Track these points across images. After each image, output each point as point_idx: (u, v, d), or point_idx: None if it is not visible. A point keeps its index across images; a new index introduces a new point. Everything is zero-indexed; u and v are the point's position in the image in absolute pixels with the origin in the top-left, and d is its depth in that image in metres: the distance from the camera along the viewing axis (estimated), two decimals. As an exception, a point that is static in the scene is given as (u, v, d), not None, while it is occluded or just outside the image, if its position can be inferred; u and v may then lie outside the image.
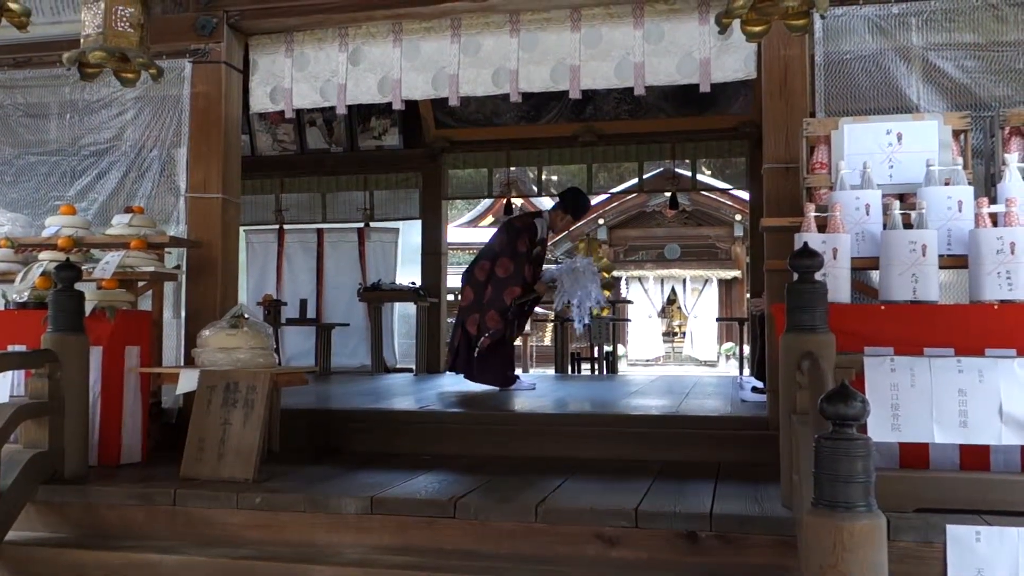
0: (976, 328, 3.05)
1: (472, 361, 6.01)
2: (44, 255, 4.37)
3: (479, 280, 6.07)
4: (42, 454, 3.56)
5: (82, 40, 3.59)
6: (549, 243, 6.23)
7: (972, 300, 3.17)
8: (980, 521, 2.73)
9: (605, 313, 11.36)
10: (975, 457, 2.97)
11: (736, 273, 18.51)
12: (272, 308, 8.49)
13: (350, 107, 4.91)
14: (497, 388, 6.02)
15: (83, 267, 4.10)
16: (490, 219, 20.14)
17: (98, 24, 3.54)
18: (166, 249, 4.59)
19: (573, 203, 6.32)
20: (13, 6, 3.28)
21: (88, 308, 3.91)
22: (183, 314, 4.69)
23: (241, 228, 5.90)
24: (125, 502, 3.45)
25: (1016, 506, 2.79)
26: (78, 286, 3.80)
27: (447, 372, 6.16)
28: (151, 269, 4.35)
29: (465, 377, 6.09)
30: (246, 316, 4.17)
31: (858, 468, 2.03)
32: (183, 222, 4.70)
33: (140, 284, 4.45)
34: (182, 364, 4.55)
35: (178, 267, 4.70)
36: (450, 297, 8.86)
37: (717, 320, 17.36)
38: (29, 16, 3.35)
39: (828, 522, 2.03)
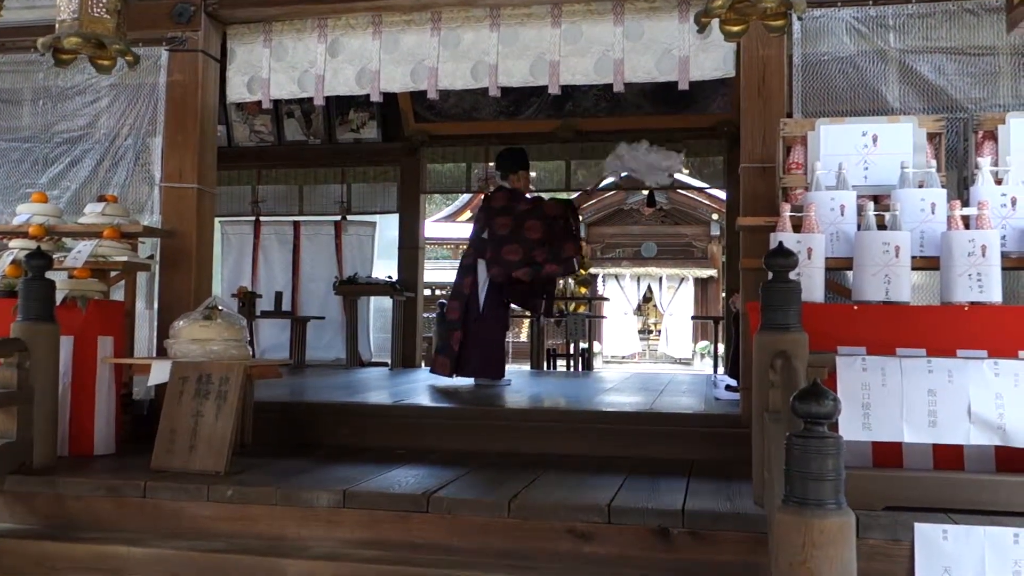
0: (947, 329, 3.08)
1: (486, 357, 5.99)
2: (15, 243, 4.31)
3: (518, 260, 5.93)
4: (10, 444, 3.52)
5: (57, 25, 3.54)
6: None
7: (943, 301, 3.21)
8: (948, 520, 2.75)
9: (582, 310, 11.39)
10: (950, 457, 3.00)
11: (712, 272, 18.61)
12: (247, 300, 8.44)
13: (328, 99, 4.88)
14: (473, 383, 6.03)
15: (55, 256, 4.05)
16: (468, 214, 20.09)
17: (74, 9, 3.49)
18: (139, 239, 4.54)
19: (519, 161, 6.31)
20: (-14, -10, 3.23)
21: (59, 297, 3.86)
22: (156, 305, 4.64)
23: (216, 219, 5.85)
24: (94, 493, 3.41)
25: (984, 505, 2.82)
26: (49, 275, 3.75)
27: (447, 375, 6.09)
28: (124, 259, 4.31)
29: (467, 375, 6.06)
30: (220, 308, 4.14)
31: (829, 466, 2.05)
32: (157, 212, 4.66)
33: (113, 274, 4.40)
34: (154, 355, 4.51)
35: (151, 257, 4.65)
36: (427, 292, 8.84)
37: (692, 318, 17.46)
38: (3, 1, 3.30)
39: (798, 519, 2.04)
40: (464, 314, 6.04)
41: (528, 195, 6.30)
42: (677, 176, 10.28)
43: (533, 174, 8.22)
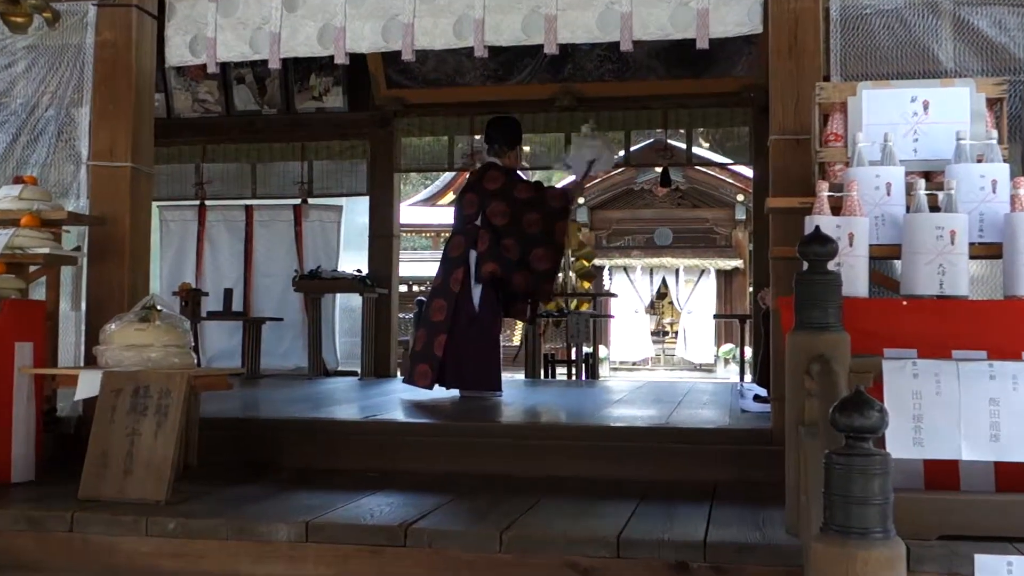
0: (1012, 328, 3.09)
1: (484, 366, 6.02)
2: (-85, 233, 4.29)
3: (513, 260, 5.98)
4: (-88, 470, 3.50)
5: (-39, -23, 3.53)
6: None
7: (1007, 295, 3.22)
8: (1013, 551, 2.76)
9: (585, 308, 11.39)
10: (1015, 478, 3.01)
11: (737, 263, 18.67)
12: (190, 299, 8.43)
13: (286, 62, 4.87)
14: (458, 395, 6.04)
15: (-37, 248, 4.04)
16: (451, 196, 20.09)
17: (-19, -43, 3.47)
18: (64, 227, 4.52)
19: (510, 134, 6.33)
20: None
21: (-31, 297, 3.85)
22: (84, 305, 4.64)
23: (154, 203, 5.84)
24: (12, 527, 3.39)
25: (1055, 533, 2.84)
26: (-43, 270, 3.73)
27: (427, 387, 6.07)
28: (45, 251, 4.29)
29: (458, 387, 6.06)
30: (159, 308, 4.13)
31: (874, 488, 2.05)
32: (84, 195, 4.65)
33: (32, 269, 4.39)
34: (82, 364, 4.50)
35: (78, 249, 4.64)
36: (402, 288, 8.85)
37: (715, 317, 17.52)
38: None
39: (840, 550, 2.05)
40: (453, 315, 6.00)
41: (521, 174, 6.31)
42: (696, 150, 10.32)
43: (527, 148, 8.25)
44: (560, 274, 12.75)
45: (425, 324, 6.17)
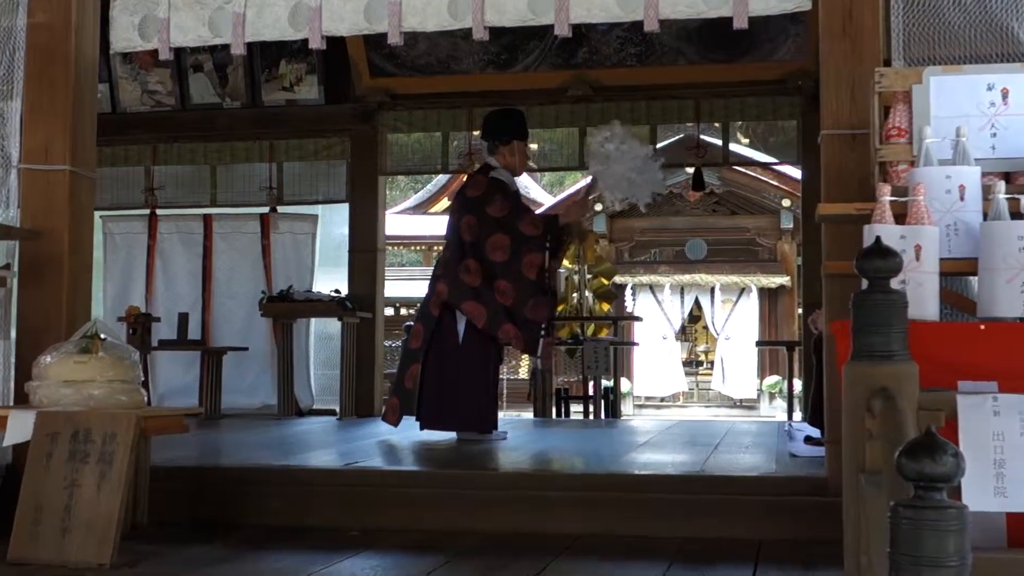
0: (1111, 356, 3.08)
1: (467, 404, 5.98)
2: None
3: (476, 287, 5.91)
4: None
5: None
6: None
7: (1104, 317, 3.21)
8: (1115, 620, 2.75)
9: (604, 334, 11.39)
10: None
11: (783, 280, 18.67)
12: (139, 326, 8.43)
13: (251, 47, 4.89)
14: (457, 437, 6.03)
15: None
16: (445, 202, 20.18)
17: None
18: (-10, 242, 4.54)
19: (506, 125, 6.28)
20: None
21: None
22: (13, 334, 4.63)
23: (97, 213, 5.84)
24: (-72, 597, 3.39)
25: None
26: None
27: (393, 423, 6.10)
28: (-32, 270, 4.30)
29: (437, 428, 6.06)
30: (102, 336, 4.13)
31: (948, 547, 2.04)
32: (14, 204, 4.65)
33: (-47, 291, 4.39)
34: (11, 403, 4.49)
35: (7, 267, 4.64)
36: (388, 311, 8.84)
37: (757, 345, 17.52)
38: None
39: (908, 622, 2.03)
40: (430, 342, 6.02)
41: (514, 178, 6.23)
42: (734, 148, 10.32)
43: (533, 146, 8.25)
44: (575, 294, 12.78)
45: (401, 352, 6.21)
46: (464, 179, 6.76)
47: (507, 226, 5.95)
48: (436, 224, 17.77)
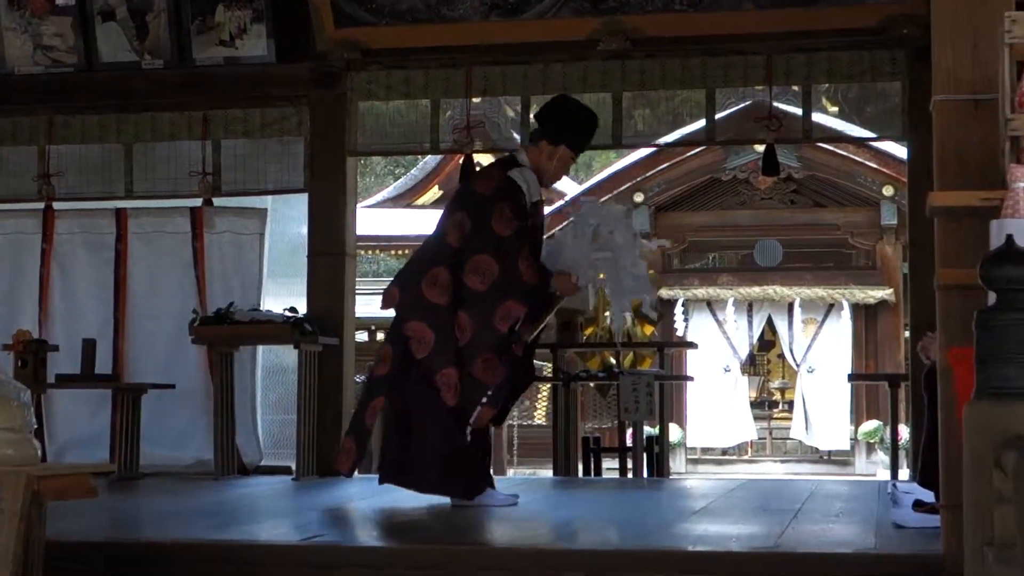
0: None
1: (429, 455, 6.00)
2: None
3: (436, 305, 5.99)
4: None
5: None
6: (547, 206, 6.27)
7: None
8: None
9: (647, 365, 11.42)
10: None
11: (885, 292, 18.62)
12: (31, 355, 8.43)
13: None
14: (450, 501, 6.05)
15: None
16: (435, 192, 20.24)
17: None
18: None
19: (568, 124, 6.35)
20: None
21: None
22: None
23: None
24: None
25: None
26: None
27: (346, 473, 6.13)
28: None
29: (398, 483, 6.11)
30: (-17, 369, 4.16)
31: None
32: None
33: None
34: None
35: None
36: (360, 335, 8.83)
37: (850, 379, 17.48)
38: None
39: None
40: (400, 370, 6.07)
41: (539, 186, 6.25)
42: (818, 118, 10.31)
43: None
44: (607, 313, 12.74)
45: (365, 380, 6.22)
46: (462, 162, 6.77)
47: (502, 251, 5.99)
48: (422, 220, 17.58)
